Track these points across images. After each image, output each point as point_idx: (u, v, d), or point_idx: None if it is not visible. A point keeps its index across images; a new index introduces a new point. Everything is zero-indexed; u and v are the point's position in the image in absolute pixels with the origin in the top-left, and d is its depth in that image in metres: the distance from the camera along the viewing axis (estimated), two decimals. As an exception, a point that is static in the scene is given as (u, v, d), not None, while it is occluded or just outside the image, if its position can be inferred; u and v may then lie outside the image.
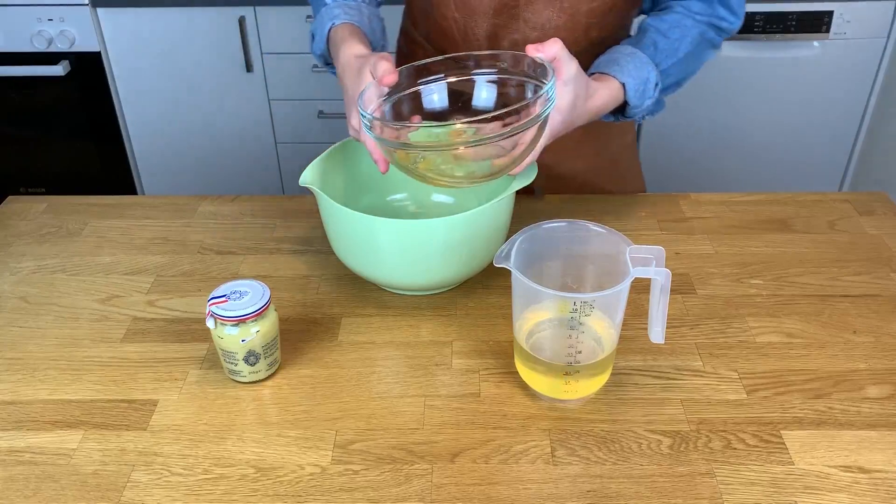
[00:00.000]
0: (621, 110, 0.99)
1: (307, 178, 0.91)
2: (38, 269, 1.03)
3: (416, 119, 0.87)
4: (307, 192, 0.95)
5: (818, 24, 2.02)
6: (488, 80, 0.87)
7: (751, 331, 0.90)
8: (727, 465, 0.74)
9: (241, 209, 1.15)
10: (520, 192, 0.92)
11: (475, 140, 0.76)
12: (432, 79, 0.87)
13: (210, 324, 0.80)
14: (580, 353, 0.76)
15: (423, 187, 1.03)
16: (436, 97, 0.88)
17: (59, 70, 2.03)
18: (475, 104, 0.88)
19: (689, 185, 2.20)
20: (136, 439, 0.77)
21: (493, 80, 0.87)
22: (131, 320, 0.93)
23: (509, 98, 0.87)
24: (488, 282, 0.98)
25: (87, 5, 1.99)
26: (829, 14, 2.00)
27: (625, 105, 0.97)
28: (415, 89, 0.87)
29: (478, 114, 0.86)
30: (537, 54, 0.80)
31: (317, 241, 1.07)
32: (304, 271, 1.01)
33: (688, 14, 1.01)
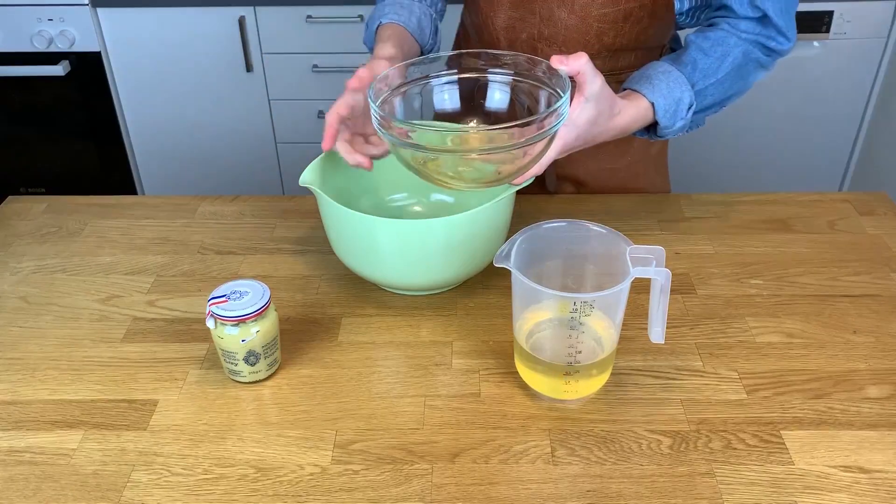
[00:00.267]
0: (654, 128, 0.96)
1: (307, 178, 0.91)
2: (38, 269, 1.03)
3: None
4: (307, 192, 0.95)
5: (818, 24, 2.02)
6: (502, 82, 0.87)
7: (751, 331, 0.90)
8: (727, 465, 0.74)
9: (241, 209, 1.15)
10: (521, 192, 0.92)
11: (486, 148, 0.76)
12: (444, 73, 0.88)
13: (210, 324, 0.80)
14: (580, 353, 0.76)
15: (423, 187, 1.03)
16: (447, 97, 0.89)
17: (59, 70, 2.03)
18: (488, 105, 0.88)
19: (689, 185, 2.20)
20: (136, 439, 0.77)
21: (508, 81, 0.87)
22: (131, 320, 0.93)
23: (522, 102, 0.86)
24: (488, 282, 0.98)
25: (87, 5, 1.99)
26: (829, 14, 2.00)
27: (656, 124, 0.94)
28: (428, 83, 0.88)
29: (490, 115, 0.88)
30: (561, 67, 0.78)
31: (317, 241, 1.07)
32: (304, 271, 1.01)
33: (733, 32, 0.96)
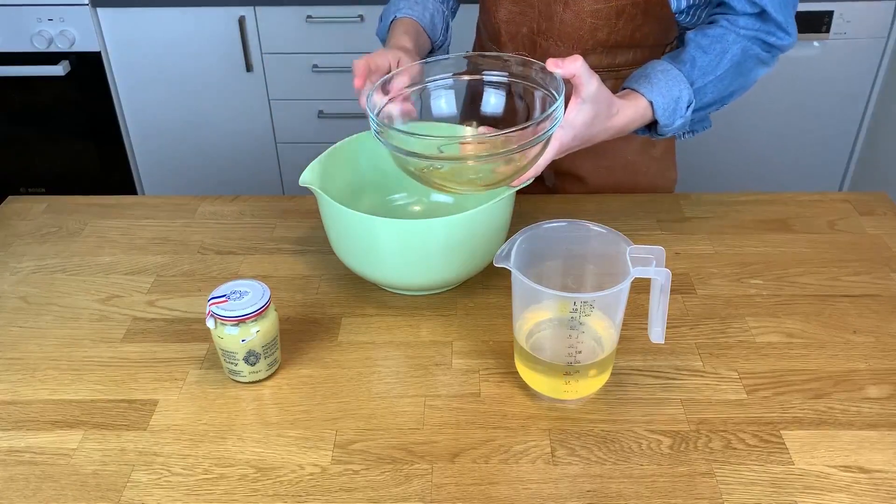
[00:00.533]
0: (654, 126, 0.96)
1: (307, 178, 0.91)
2: (38, 269, 1.03)
3: (410, 109, 0.90)
4: (307, 192, 0.95)
5: (818, 24, 2.02)
6: (498, 85, 0.89)
7: (751, 331, 0.90)
8: (727, 465, 0.74)
9: (241, 209, 1.15)
10: (521, 192, 0.92)
11: (483, 155, 0.78)
12: (440, 77, 0.90)
13: (210, 324, 0.80)
14: (580, 353, 0.76)
15: (423, 187, 1.03)
16: (443, 103, 0.92)
17: (59, 70, 2.03)
18: (483, 110, 0.91)
19: (690, 185, 2.20)
20: (136, 439, 0.77)
21: (503, 83, 0.89)
22: (131, 320, 0.93)
23: (518, 104, 0.88)
24: (488, 282, 0.98)
25: (87, 5, 1.99)
26: (829, 14, 2.00)
27: (655, 122, 0.94)
28: (425, 89, 0.91)
29: (487, 117, 0.91)
30: (556, 70, 0.79)
31: (317, 241, 1.07)
32: (304, 271, 1.01)
33: (732, 28, 0.95)
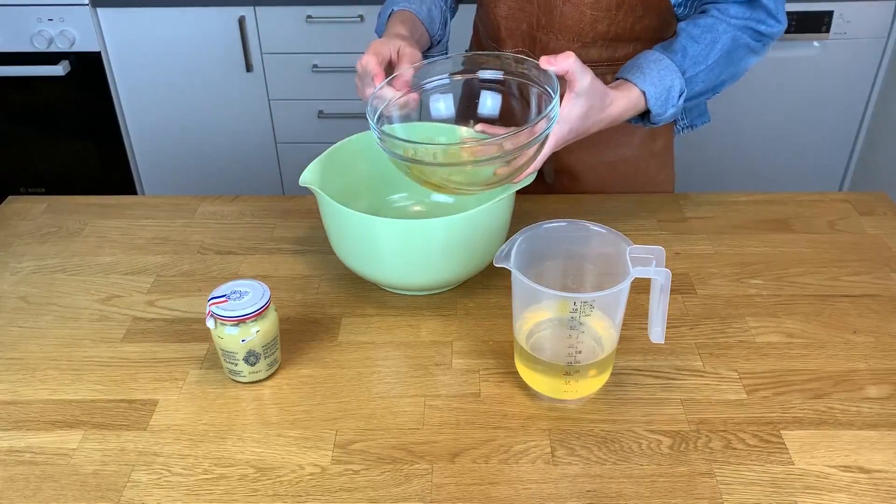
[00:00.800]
0: (646, 115, 0.97)
1: (307, 178, 0.91)
2: (38, 269, 1.03)
3: (413, 97, 0.90)
4: (307, 192, 0.95)
5: (818, 24, 2.02)
6: (494, 84, 0.91)
7: (751, 331, 0.90)
8: (727, 465, 0.74)
9: (241, 209, 1.15)
10: (521, 192, 0.92)
11: (481, 159, 0.79)
12: (436, 79, 0.91)
13: (210, 324, 0.80)
14: (580, 353, 0.76)
15: (423, 188, 1.03)
16: (442, 105, 0.93)
17: (59, 70, 2.03)
18: (480, 112, 0.92)
19: (690, 185, 2.20)
20: (136, 439, 0.77)
21: (499, 82, 0.90)
22: (131, 320, 0.93)
23: (514, 103, 0.89)
24: (488, 282, 0.98)
25: (87, 5, 1.99)
26: (829, 14, 2.00)
27: (648, 111, 0.96)
28: (422, 91, 0.92)
29: (483, 119, 0.92)
30: (549, 67, 0.81)
31: (317, 241, 1.07)
32: (304, 271, 1.01)
33: (723, 18, 0.97)
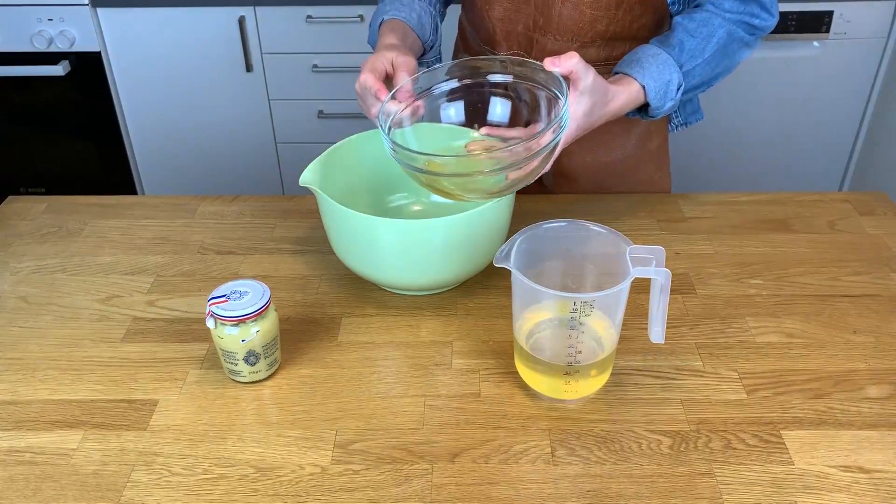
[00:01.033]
0: (644, 108, 0.99)
1: (307, 178, 0.91)
2: (38, 269, 1.03)
3: (421, 102, 0.90)
4: (307, 192, 0.95)
5: (818, 24, 2.02)
6: (501, 92, 0.91)
7: (751, 331, 0.90)
8: (727, 465, 0.74)
9: (241, 209, 1.15)
10: (520, 192, 0.92)
11: (492, 169, 0.79)
12: (445, 83, 0.92)
13: (210, 324, 0.80)
14: (580, 353, 0.76)
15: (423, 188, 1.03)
16: (452, 112, 0.94)
17: (59, 70, 2.03)
18: (490, 119, 0.93)
19: (690, 185, 2.20)
20: (136, 439, 0.77)
21: (507, 85, 0.90)
22: (131, 320, 0.93)
23: (523, 107, 0.90)
24: (488, 282, 0.98)
25: (87, 5, 1.99)
26: (829, 14, 2.00)
27: (647, 105, 0.98)
28: (430, 97, 0.92)
29: (492, 125, 0.93)
30: (554, 69, 0.82)
31: (317, 241, 1.07)
32: (304, 271, 1.01)
33: (717, 12, 0.99)
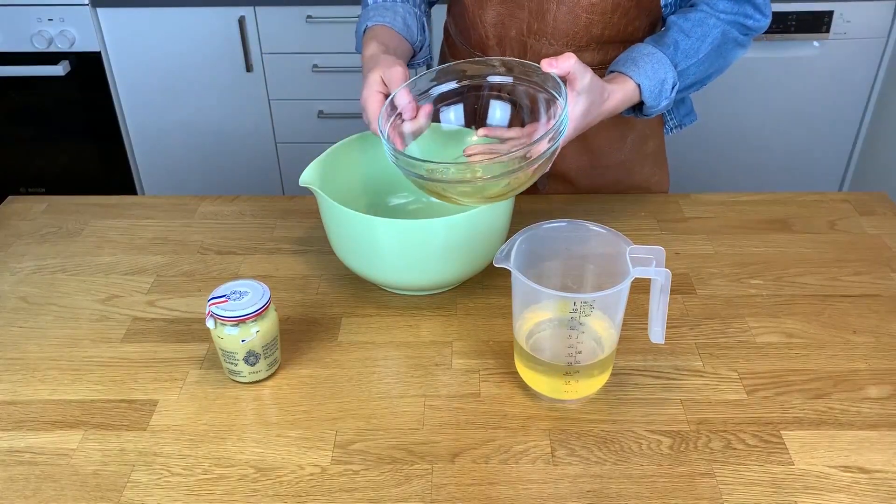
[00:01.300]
0: (639, 107, 1.00)
1: (307, 178, 0.91)
2: (38, 269, 1.03)
3: (427, 108, 0.89)
4: (307, 192, 0.95)
5: (818, 24, 2.02)
6: (499, 95, 0.91)
7: (751, 331, 0.90)
8: (727, 465, 0.74)
9: (241, 209, 1.15)
10: (520, 193, 0.92)
11: (493, 175, 0.79)
12: (444, 85, 0.91)
13: (210, 324, 0.80)
14: (580, 353, 0.76)
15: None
16: (452, 115, 0.93)
17: (59, 70, 2.03)
18: (490, 123, 0.92)
19: (690, 185, 2.20)
20: (136, 439, 0.77)
21: (506, 88, 0.90)
22: (131, 320, 0.93)
23: (521, 112, 0.90)
24: (488, 282, 0.98)
25: (87, 5, 1.99)
26: (829, 14, 2.00)
27: (642, 103, 0.98)
28: (430, 101, 0.91)
29: (494, 124, 0.93)
30: (551, 70, 0.82)
31: (317, 241, 1.07)
32: (304, 271, 1.01)
33: (712, 13, 1.00)
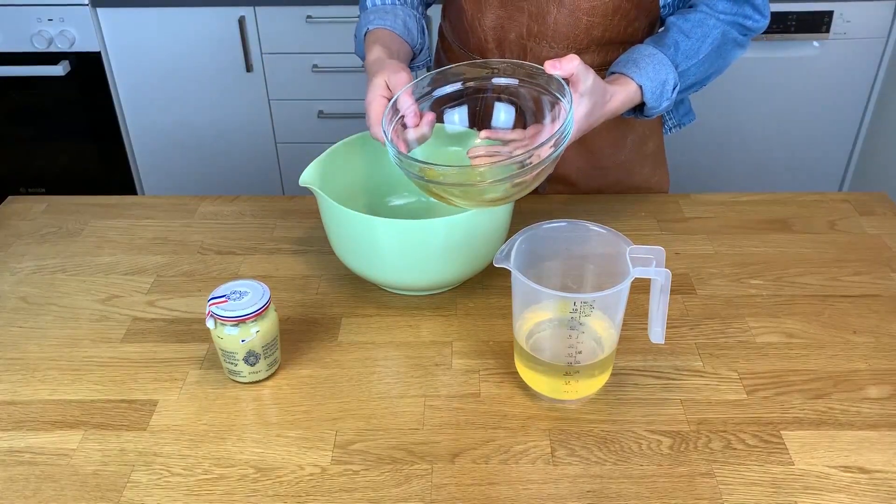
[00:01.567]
0: (640, 108, 1.00)
1: (307, 178, 0.91)
2: (38, 269, 1.03)
3: (430, 117, 0.89)
4: (307, 192, 0.95)
5: (818, 24, 2.02)
6: (504, 98, 0.91)
7: (751, 331, 0.90)
8: (727, 465, 0.74)
9: (241, 209, 1.15)
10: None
11: (496, 179, 0.78)
12: (448, 87, 0.90)
13: (210, 324, 0.80)
14: (580, 353, 0.76)
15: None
16: (456, 118, 0.93)
17: (59, 70, 2.03)
18: (494, 125, 0.92)
19: (690, 185, 2.20)
20: (136, 439, 0.77)
21: (510, 91, 0.89)
22: (131, 320, 0.93)
23: (525, 114, 0.90)
24: (488, 282, 0.98)
25: (87, 5, 1.99)
26: (829, 14, 2.00)
27: (643, 104, 0.98)
28: (434, 100, 0.91)
29: (494, 129, 0.92)
30: (555, 72, 0.82)
31: (317, 241, 1.07)
32: (304, 271, 1.01)
33: (712, 13, 1.00)
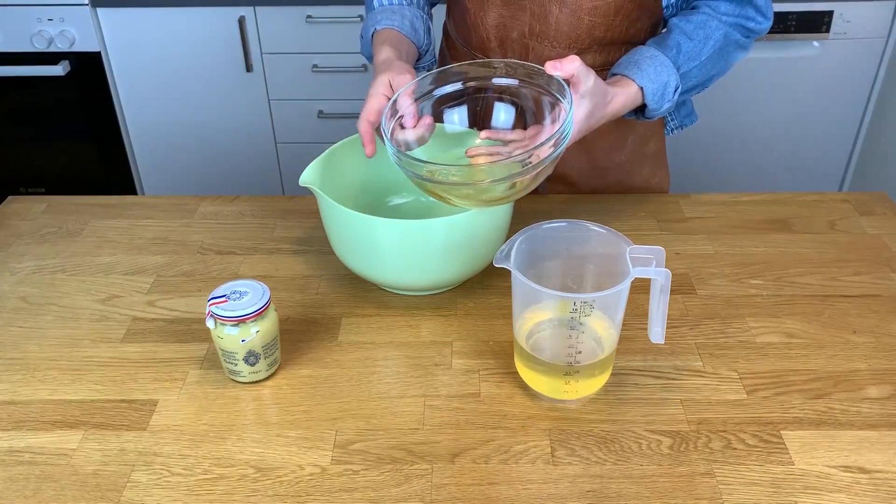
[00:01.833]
0: (641, 110, 1.00)
1: (307, 178, 0.91)
2: (38, 269, 1.03)
3: (428, 120, 0.88)
4: (307, 192, 0.95)
5: (818, 24, 2.02)
6: (503, 98, 0.91)
7: (751, 331, 0.90)
8: (727, 465, 0.74)
9: (241, 209, 1.15)
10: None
11: (496, 179, 0.78)
12: (448, 87, 0.90)
13: (210, 324, 0.80)
14: (580, 353, 0.76)
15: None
16: (456, 118, 0.93)
17: (59, 70, 2.03)
18: (494, 125, 0.92)
19: (690, 185, 2.20)
20: (136, 439, 0.77)
21: (510, 91, 0.89)
22: (131, 320, 0.93)
23: (525, 114, 0.89)
24: (488, 282, 0.98)
25: (87, 5, 1.99)
26: (829, 14, 2.00)
27: (644, 106, 0.98)
28: (434, 103, 0.91)
29: (493, 130, 0.92)
30: (555, 73, 0.82)
31: (317, 241, 1.07)
32: (304, 271, 1.01)
33: (714, 15, 1.00)
